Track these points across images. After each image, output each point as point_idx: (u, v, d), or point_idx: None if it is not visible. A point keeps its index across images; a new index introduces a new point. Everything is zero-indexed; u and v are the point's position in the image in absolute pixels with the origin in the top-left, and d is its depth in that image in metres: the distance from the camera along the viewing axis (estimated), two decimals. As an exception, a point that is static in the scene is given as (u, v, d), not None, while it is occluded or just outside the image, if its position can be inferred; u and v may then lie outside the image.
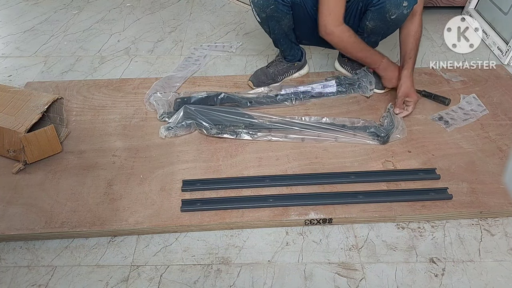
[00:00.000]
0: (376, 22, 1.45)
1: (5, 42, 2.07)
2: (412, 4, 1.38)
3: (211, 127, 1.41)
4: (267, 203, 1.20)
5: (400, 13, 1.39)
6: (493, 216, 1.20)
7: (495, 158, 1.35)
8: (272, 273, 1.08)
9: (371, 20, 1.45)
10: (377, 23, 1.45)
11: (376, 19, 1.43)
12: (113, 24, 2.23)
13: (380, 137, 1.39)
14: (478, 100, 1.58)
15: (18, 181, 1.29)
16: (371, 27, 1.47)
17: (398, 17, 1.40)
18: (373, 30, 1.49)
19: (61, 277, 1.07)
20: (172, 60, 1.92)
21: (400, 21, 1.44)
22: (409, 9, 1.39)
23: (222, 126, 1.42)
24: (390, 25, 1.45)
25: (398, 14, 1.39)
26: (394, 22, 1.44)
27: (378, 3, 1.40)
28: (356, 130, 1.43)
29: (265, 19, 1.49)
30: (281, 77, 1.70)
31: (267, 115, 1.47)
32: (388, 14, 1.40)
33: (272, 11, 1.44)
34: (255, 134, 1.42)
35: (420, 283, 1.05)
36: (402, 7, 1.37)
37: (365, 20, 1.47)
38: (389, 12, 1.39)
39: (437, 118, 1.51)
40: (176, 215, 1.18)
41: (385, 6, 1.38)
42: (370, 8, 1.43)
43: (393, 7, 1.38)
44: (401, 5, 1.37)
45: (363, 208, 1.19)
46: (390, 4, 1.37)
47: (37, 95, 1.40)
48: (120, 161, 1.36)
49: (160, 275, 1.07)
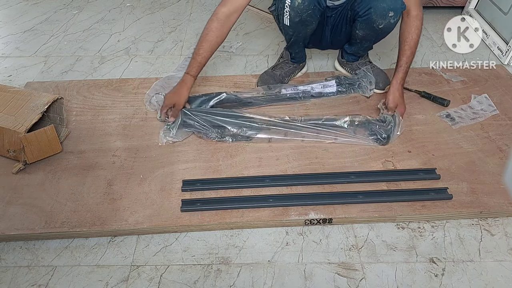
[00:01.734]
0: (366, 31, 1.46)
1: (5, 42, 2.07)
2: (398, 13, 1.38)
3: (211, 132, 1.41)
4: (267, 203, 1.20)
5: (387, 23, 1.40)
6: (493, 216, 1.20)
7: (495, 158, 1.35)
8: (272, 273, 1.08)
9: (360, 30, 1.46)
10: (367, 32, 1.46)
11: (364, 28, 1.45)
12: (113, 24, 2.23)
13: (381, 139, 1.39)
14: (490, 100, 1.58)
15: (18, 181, 1.29)
16: (362, 36, 1.49)
17: (386, 26, 1.41)
18: (364, 38, 1.51)
19: (61, 277, 1.07)
20: (172, 60, 1.92)
21: (389, 29, 1.44)
22: (395, 18, 1.39)
23: (221, 130, 1.42)
24: (380, 33, 1.47)
25: (385, 24, 1.40)
26: (383, 31, 1.45)
27: (365, 14, 1.40)
28: (357, 128, 1.42)
29: (297, 23, 1.42)
30: (287, 78, 1.71)
31: (266, 117, 1.46)
32: (375, 24, 1.40)
33: (307, 16, 1.39)
34: (254, 136, 1.42)
35: (420, 283, 1.05)
36: (388, 17, 1.37)
37: (355, 29, 1.48)
38: (376, 22, 1.40)
39: (444, 115, 1.52)
40: (176, 215, 1.18)
41: (371, 17, 1.39)
42: (357, 18, 1.44)
43: (379, 18, 1.38)
44: (387, 15, 1.37)
45: (363, 208, 1.19)
46: (376, 15, 1.38)
47: (37, 95, 1.40)
48: (120, 161, 1.36)
49: (160, 275, 1.07)
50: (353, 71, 1.70)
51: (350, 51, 1.65)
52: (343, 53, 1.71)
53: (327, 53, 1.92)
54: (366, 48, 1.60)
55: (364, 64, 1.68)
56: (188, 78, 1.45)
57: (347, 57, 1.70)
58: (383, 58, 1.90)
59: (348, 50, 1.66)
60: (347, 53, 1.68)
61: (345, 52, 1.69)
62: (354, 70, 1.69)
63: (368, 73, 1.61)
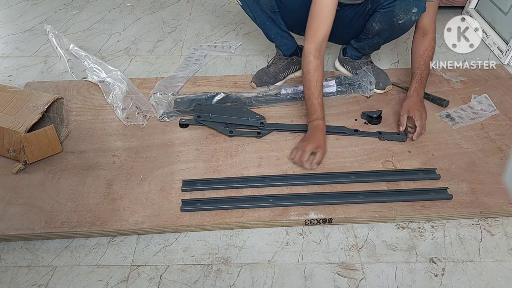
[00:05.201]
0: (383, 25, 1.44)
1: (5, 42, 2.07)
2: (420, 12, 1.37)
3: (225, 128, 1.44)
4: (267, 203, 1.20)
5: (408, 19, 1.38)
6: (493, 216, 1.20)
7: (495, 158, 1.35)
8: (272, 273, 1.08)
9: (378, 22, 1.44)
10: (384, 26, 1.44)
11: (383, 21, 1.43)
12: (113, 24, 2.23)
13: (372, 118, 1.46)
14: (490, 100, 1.58)
15: (18, 181, 1.29)
16: (377, 29, 1.46)
17: (405, 22, 1.39)
18: (379, 32, 1.48)
19: (61, 277, 1.07)
20: (172, 60, 1.92)
21: (407, 26, 1.43)
22: (417, 16, 1.38)
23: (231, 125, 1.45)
24: (396, 29, 1.45)
25: (406, 20, 1.38)
26: (400, 27, 1.43)
27: (388, 6, 1.39)
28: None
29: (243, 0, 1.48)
30: (282, 74, 1.70)
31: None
32: (396, 18, 1.39)
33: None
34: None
35: (420, 283, 1.05)
36: (411, 13, 1.36)
37: (372, 21, 1.46)
38: (397, 16, 1.38)
39: (444, 115, 1.52)
40: (176, 215, 1.18)
41: (394, 10, 1.38)
42: (379, 9, 1.42)
43: (402, 12, 1.37)
44: (410, 10, 1.36)
45: (363, 208, 1.19)
46: (400, 8, 1.37)
47: (37, 95, 1.40)
48: (120, 161, 1.36)
49: (160, 275, 1.07)
50: (354, 70, 1.69)
51: (356, 46, 1.62)
52: (347, 49, 1.69)
53: (327, 53, 1.92)
54: (374, 45, 1.57)
55: (366, 63, 1.68)
56: (320, 123, 1.35)
57: (351, 53, 1.67)
58: (383, 58, 1.90)
59: (354, 45, 1.63)
60: (353, 47, 1.64)
61: (350, 47, 1.67)
62: (355, 69, 1.68)
63: (368, 73, 1.61)
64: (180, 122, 1.48)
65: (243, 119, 1.45)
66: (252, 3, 1.49)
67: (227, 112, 1.47)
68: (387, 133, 1.43)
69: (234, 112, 1.47)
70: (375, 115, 1.48)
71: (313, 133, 1.34)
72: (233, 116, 1.45)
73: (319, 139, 1.33)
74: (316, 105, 1.36)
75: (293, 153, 1.34)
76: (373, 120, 1.49)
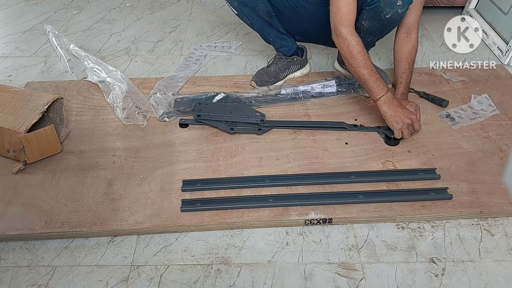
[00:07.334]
0: (372, 22, 1.44)
1: (5, 42, 2.07)
2: (406, 3, 1.37)
3: (226, 125, 1.44)
4: (267, 203, 1.20)
5: (394, 12, 1.38)
6: (493, 216, 1.20)
7: (495, 158, 1.35)
8: (272, 273, 1.08)
9: (366, 20, 1.44)
10: (373, 23, 1.44)
11: (371, 18, 1.43)
12: (113, 24, 2.23)
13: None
14: (490, 100, 1.58)
15: (18, 181, 1.29)
16: (367, 27, 1.47)
17: (393, 16, 1.40)
18: (369, 30, 1.48)
19: (61, 277, 1.07)
20: (172, 60, 1.92)
21: (396, 20, 1.43)
22: (403, 9, 1.38)
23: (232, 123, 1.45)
24: (386, 24, 1.45)
25: (393, 13, 1.39)
26: (389, 22, 1.43)
27: (373, 2, 1.39)
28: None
29: (239, 8, 1.50)
30: (283, 74, 1.70)
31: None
32: (383, 13, 1.39)
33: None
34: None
35: (420, 283, 1.05)
36: (396, 6, 1.36)
37: (361, 20, 1.46)
38: (383, 11, 1.39)
39: (444, 115, 1.52)
40: (176, 215, 1.18)
41: (380, 6, 1.38)
42: (365, 7, 1.42)
43: (387, 6, 1.37)
44: (395, 3, 1.36)
45: (363, 208, 1.19)
46: (385, 3, 1.37)
47: (37, 95, 1.40)
48: (120, 161, 1.36)
49: (160, 275, 1.07)
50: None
51: None
52: None
53: (327, 53, 1.92)
54: (369, 43, 1.57)
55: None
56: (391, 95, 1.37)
57: None
58: (383, 58, 1.90)
59: None
60: None
61: None
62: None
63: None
64: (180, 122, 1.48)
65: (243, 117, 1.45)
66: (249, 11, 1.51)
67: (227, 111, 1.47)
68: (386, 128, 1.42)
69: (234, 110, 1.47)
70: (393, 136, 1.39)
71: (398, 105, 1.36)
72: (233, 114, 1.46)
73: (406, 109, 1.37)
74: (380, 79, 1.37)
75: (401, 131, 1.36)
76: (391, 142, 1.41)
